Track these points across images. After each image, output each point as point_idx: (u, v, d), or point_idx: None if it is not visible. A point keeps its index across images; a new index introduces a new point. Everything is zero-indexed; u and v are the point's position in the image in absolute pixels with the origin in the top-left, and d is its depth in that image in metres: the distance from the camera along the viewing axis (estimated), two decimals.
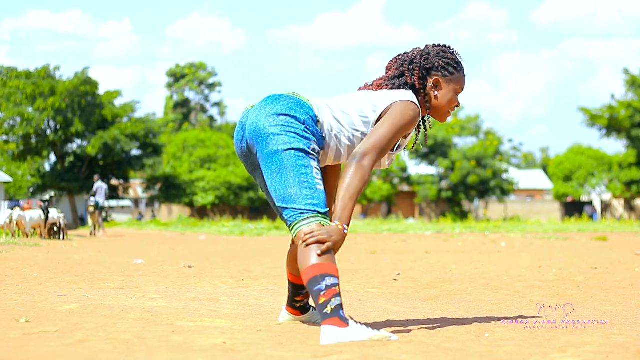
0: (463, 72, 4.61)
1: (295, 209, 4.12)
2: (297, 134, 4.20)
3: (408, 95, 4.42)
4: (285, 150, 4.17)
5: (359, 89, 4.65)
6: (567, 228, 30.48)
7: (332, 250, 4.04)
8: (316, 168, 4.21)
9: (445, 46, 4.63)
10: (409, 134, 4.53)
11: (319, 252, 4.00)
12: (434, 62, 4.54)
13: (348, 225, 4.09)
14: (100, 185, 25.88)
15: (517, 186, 63.52)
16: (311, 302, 5.02)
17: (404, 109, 4.34)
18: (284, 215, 4.20)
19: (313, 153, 4.22)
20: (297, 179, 4.14)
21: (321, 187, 4.17)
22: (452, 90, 4.56)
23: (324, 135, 4.34)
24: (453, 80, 4.57)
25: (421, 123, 4.74)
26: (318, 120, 4.31)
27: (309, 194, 4.12)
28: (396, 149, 4.52)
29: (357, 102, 4.40)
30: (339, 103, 4.40)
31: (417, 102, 4.41)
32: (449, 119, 4.66)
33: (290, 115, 4.24)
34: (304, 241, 4.03)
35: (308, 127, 4.25)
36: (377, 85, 4.60)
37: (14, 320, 4.48)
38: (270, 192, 4.23)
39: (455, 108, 4.64)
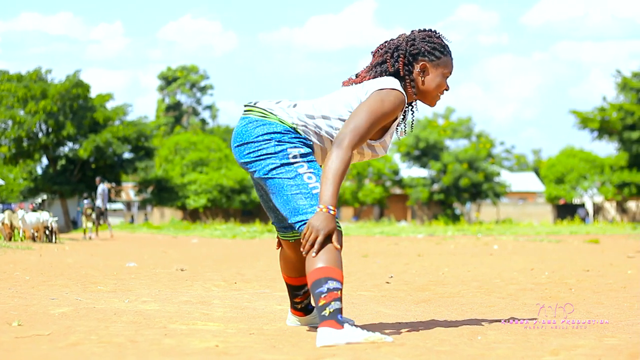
0: (450, 56, 4.60)
1: (299, 220, 4.19)
2: (270, 154, 4.26)
3: (390, 82, 4.41)
4: (268, 173, 4.26)
5: (343, 83, 4.65)
6: (559, 231, 30.52)
7: (339, 252, 4.07)
8: (307, 172, 4.24)
9: (430, 30, 4.62)
10: (396, 119, 4.50)
11: (315, 253, 4.01)
12: (419, 48, 4.53)
13: (334, 205, 4.07)
14: (103, 188, 25.84)
15: (509, 189, 63.60)
16: (313, 303, 5.03)
17: (384, 96, 4.33)
18: (295, 229, 4.30)
19: (297, 158, 4.26)
20: (290, 194, 4.21)
21: (318, 189, 4.20)
22: (440, 74, 4.55)
23: (310, 138, 4.35)
24: (440, 64, 4.55)
25: (408, 109, 4.73)
26: (295, 128, 4.32)
27: (306, 203, 4.19)
28: (390, 135, 4.52)
29: (345, 98, 4.41)
30: (326, 102, 4.42)
31: (400, 88, 4.39)
32: (438, 103, 4.63)
33: (255, 142, 4.30)
34: (302, 247, 4.07)
35: (280, 140, 4.27)
36: (362, 77, 4.58)
37: (7, 323, 4.47)
38: (280, 211, 4.36)
39: (445, 92, 4.62)
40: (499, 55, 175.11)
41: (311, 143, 4.35)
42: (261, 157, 4.27)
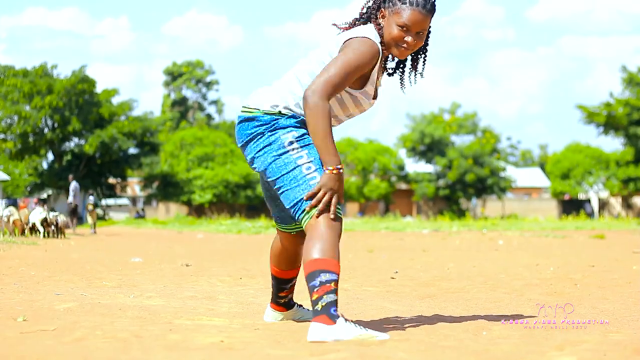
0: (408, 3, 4.26)
1: (298, 209, 4.14)
2: (266, 146, 4.20)
3: (362, 30, 4.30)
4: (267, 167, 4.20)
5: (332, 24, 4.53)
6: (564, 226, 30.51)
7: (337, 241, 4.03)
8: (307, 162, 4.15)
9: None
10: (373, 67, 4.32)
11: (331, 215, 4.03)
12: None
13: (339, 163, 4.08)
14: (75, 185, 25.72)
15: (514, 184, 63.55)
16: (295, 299, 5.01)
17: (357, 45, 4.20)
18: (295, 219, 4.24)
19: (293, 145, 4.18)
20: (289, 184, 4.15)
21: (316, 179, 4.12)
22: (393, 22, 4.28)
23: (295, 112, 4.25)
24: (394, 12, 4.28)
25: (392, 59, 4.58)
26: (280, 112, 4.22)
27: (304, 192, 4.12)
28: (372, 84, 4.36)
29: (319, 55, 4.31)
30: (305, 65, 4.33)
31: (373, 36, 4.26)
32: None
33: (251, 140, 4.25)
34: (311, 207, 4.07)
35: (271, 129, 4.20)
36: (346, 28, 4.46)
37: (12, 318, 4.48)
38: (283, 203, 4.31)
39: (406, 44, 4.30)
40: (504, 49, 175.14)
41: (302, 118, 4.25)
42: (258, 151, 4.22)
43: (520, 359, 3.45)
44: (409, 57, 4.57)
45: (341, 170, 4.07)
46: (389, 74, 4.61)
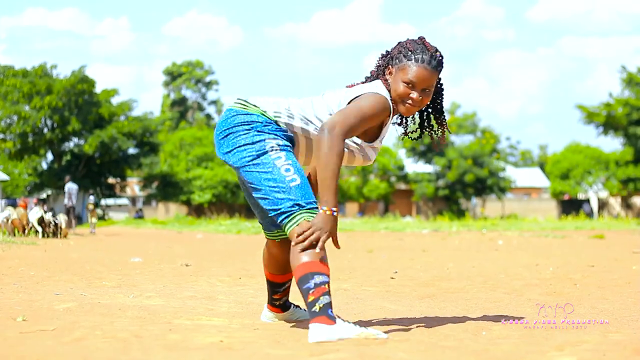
0: (416, 62, 4.31)
1: (281, 213, 4.10)
2: (247, 144, 4.18)
3: (375, 86, 4.34)
4: (245, 165, 4.17)
5: (347, 87, 4.59)
6: (564, 226, 30.51)
7: (324, 248, 4.03)
8: (285, 164, 4.14)
9: (419, 37, 4.43)
10: (385, 124, 4.38)
11: (317, 250, 3.97)
12: (394, 53, 4.41)
13: (336, 207, 4.04)
14: (70, 187, 25.67)
15: (514, 184, 63.52)
16: (291, 300, 5.01)
17: (372, 98, 4.23)
18: (276, 221, 4.20)
19: (274, 149, 4.17)
20: (267, 187, 4.11)
21: (296, 181, 4.10)
22: (399, 79, 4.33)
23: (293, 131, 4.28)
24: (400, 69, 4.33)
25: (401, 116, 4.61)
26: (277, 121, 4.24)
27: (284, 197, 4.08)
28: (380, 140, 4.43)
29: (328, 101, 4.34)
30: (310, 103, 4.35)
31: (385, 92, 4.31)
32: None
33: (234, 132, 4.22)
34: (296, 244, 4.00)
35: (260, 130, 4.19)
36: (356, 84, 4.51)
37: (11, 318, 4.47)
38: (261, 205, 4.23)
39: (411, 101, 4.32)
40: (504, 50, 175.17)
41: (292, 136, 4.29)
42: (239, 147, 4.19)
43: (520, 359, 3.45)
44: (432, 117, 4.65)
45: (335, 213, 4.03)
46: (414, 139, 4.69)
